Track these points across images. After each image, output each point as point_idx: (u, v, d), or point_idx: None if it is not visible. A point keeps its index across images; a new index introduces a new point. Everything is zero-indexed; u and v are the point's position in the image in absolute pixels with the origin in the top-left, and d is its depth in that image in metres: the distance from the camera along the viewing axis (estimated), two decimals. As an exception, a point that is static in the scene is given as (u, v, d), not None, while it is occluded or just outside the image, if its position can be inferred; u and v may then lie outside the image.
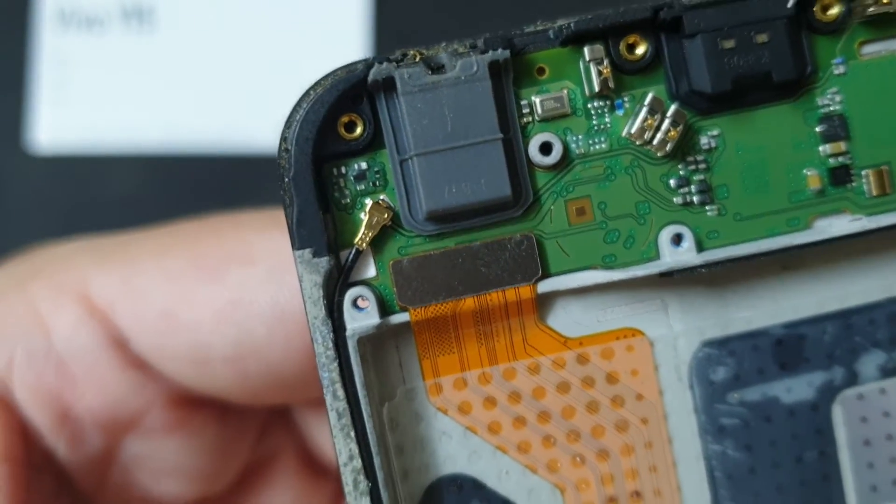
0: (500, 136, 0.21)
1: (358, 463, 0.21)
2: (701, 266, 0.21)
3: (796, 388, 0.23)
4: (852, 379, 0.23)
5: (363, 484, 0.21)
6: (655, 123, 0.21)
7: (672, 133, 0.21)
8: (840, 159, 0.22)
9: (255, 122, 0.46)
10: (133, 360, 0.26)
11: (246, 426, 0.29)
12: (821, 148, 0.22)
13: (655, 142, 0.21)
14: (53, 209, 0.46)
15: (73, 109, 0.46)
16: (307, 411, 0.30)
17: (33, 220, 0.46)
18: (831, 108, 0.22)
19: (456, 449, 0.22)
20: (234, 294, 0.25)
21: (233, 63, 0.46)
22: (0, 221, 0.46)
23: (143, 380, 0.26)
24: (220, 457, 0.28)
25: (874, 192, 0.22)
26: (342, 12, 0.46)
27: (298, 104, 0.21)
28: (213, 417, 0.28)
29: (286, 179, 0.21)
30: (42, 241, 0.31)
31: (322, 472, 0.30)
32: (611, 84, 0.21)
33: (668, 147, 0.21)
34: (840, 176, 0.22)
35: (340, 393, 0.21)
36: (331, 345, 0.21)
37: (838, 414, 0.23)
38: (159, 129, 0.45)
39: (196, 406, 0.27)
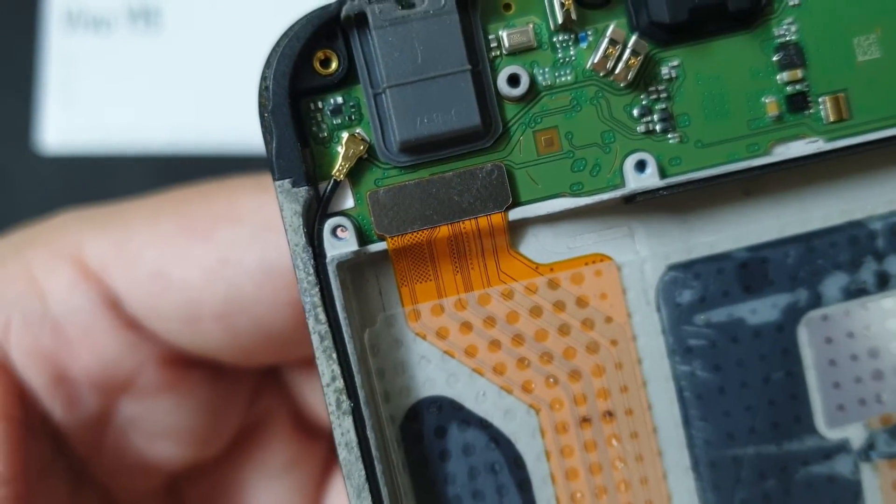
0: (469, 67, 0.22)
1: (340, 383, 0.22)
2: (662, 188, 0.22)
3: (761, 310, 0.24)
4: (816, 301, 0.24)
5: (345, 404, 0.22)
6: (617, 54, 0.22)
7: (632, 61, 0.22)
8: (797, 87, 0.23)
9: None
10: (126, 321, 0.27)
11: (238, 388, 0.30)
12: (778, 76, 0.23)
13: (617, 71, 0.22)
14: (61, 209, 0.46)
15: (81, 110, 0.46)
16: (298, 373, 0.31)
17: (41, 219, 0.47)
18: (787, 38, 0.23)
19: (435, 372, 0.23)
20: (223, 252, 0.26)
21: (239, 64, 0.46)
22: (8, 221, 0.46)
23: (137, 340, 0.27)
24: (214, 418, 0.29)
25: (831, 118, 0.23)
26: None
27: (277, 43, 0.22)
28: (205, 378, 0.29)
29: (266, 114, 0.22)
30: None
31: (315, 434, 0.31)
32: (573, 16, 0.22)
33: (630, 76, 0.22)
34: (797, 103, 0.23)
35: (322, 316, 0.22)
36: (312, 270, 0.22)
37: (804, 335, 0.24)
38: (166, 130, 0.46)
39: (188, 366, 0.28)
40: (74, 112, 0.46)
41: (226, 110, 0.46)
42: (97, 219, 0.28)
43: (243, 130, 0.46)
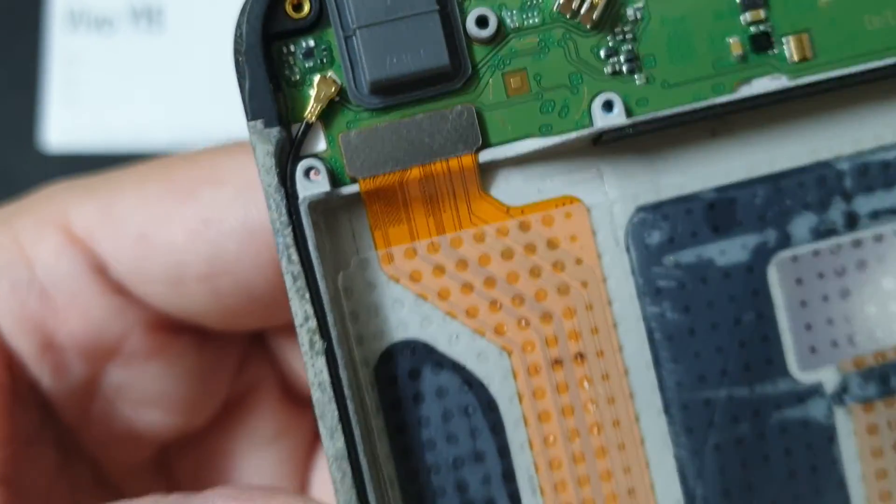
0: (437, 8, 0.22)
1: (313, 323, 0.22)
2: (628, 126, 0.23)
3: (730, 251, 0.24)
4: (785, 241, 0.24)
5: (318, 343, 0.22)
6: (582, -5, 0.23)
7: (596, 1, 0.22)
8: (760, 27, 0.23)
9: None
10: (113, 286, 0.27)
11: (226, 356, 0.30)
12: (742, 17, 0.23)
13: (583, 12, 0.23)
14: None
15: (83, 109, 0.46)
16: (285, 341, 0.31)
17: None
18: (750, -21, 0.23)
19: (408, 315, 0.24)
20: (206, 213, 0.27)
21: None
22: None
23: (123, 305, 0.28)
24: (201, 386, 0.29)
25: (795, 58, 0.23)
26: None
27: (250, -9, 0.22)
28: (192, 344, 0.29)
29: (239, 58, 0.22)
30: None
31: (303, 404, 0.31)
32: (538, -42, 0.22)
33: (595, 16, 0.23)
34: (761, 42, 0.23)
35: (295, 257, 0.22)
36: (284, 211, 0.22)
37: (773, 275, 0.24)
38: (169, 129, 0.46)
39: (175, 332, 0.28)
40: (77, 111, 0.46)
41: (228, 109, 0.44)
42: (83, 187, 0.28)
43: (245, 130, 0.46)
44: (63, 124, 0.46)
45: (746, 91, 0.23)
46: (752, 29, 0.23)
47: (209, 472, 0.31)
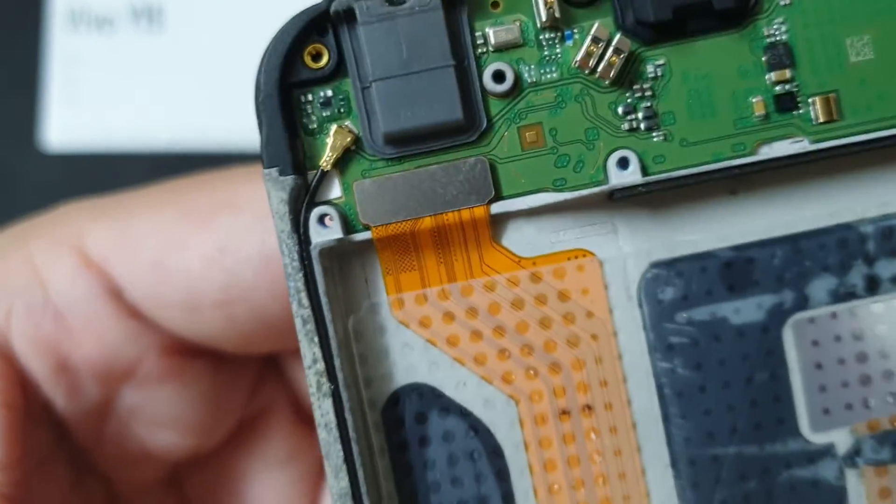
0: (453, 62, 0.22)
1: (321, 366, 0.23)
2: (642, 184, 0.22)
3: (745, 310, 0.24)
4: (803, 303, 0.24)
5: (325, 386, 0.23)
6: (599, 52, 0.22)
7: (613, 59, 0.22)
8: (786, 87, 0.23)
9: None
10: (128, 310, 0.28)
11: (240, 378, 0.30)
12: (767, 76, 0.23)
13: (600, 69, 0.22)
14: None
15: (84, 108, 0.46)
16: (298, 363, 0.30)
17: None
18: (777, 38, 0.23)
19: (417, 360, 0.24)
20: (223, 240, 0.27)
21: (243, 62, 0.44)
22: (11, 219, 0.46)
23: (138, 329, 0.28)
24: (215, 408, 0.29)
25: (821, 119, 0.23)
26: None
27: (272, 39, 0.23)
28: (206, 368, 0.29)
29: (258, 105, 0.23)
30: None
31: (314, 430, 0.31)
32: (557, 14, 0.22)
33: (613, 73, 0.22)
34: (786, 102, 0.23)
35: (305, 301, 0.23)
36: (296, 256, 0.23)
37: (789, 337, 0.24)
38: (169, 128, 0.46)
39: (189, 355, 0.29)
40: (78, 110, 0.46)
41: (229, 108, 0.46)
42: (98, 208, 0.29)
43: (246, 128, 0.45)
44: (63, 124, 0.46)
45: (768, 152, 0.23)
46: (778, 88, 0.23)
47: (221, 492, 0.31)
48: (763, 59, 0.23)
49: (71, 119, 0.47)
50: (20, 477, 0.26)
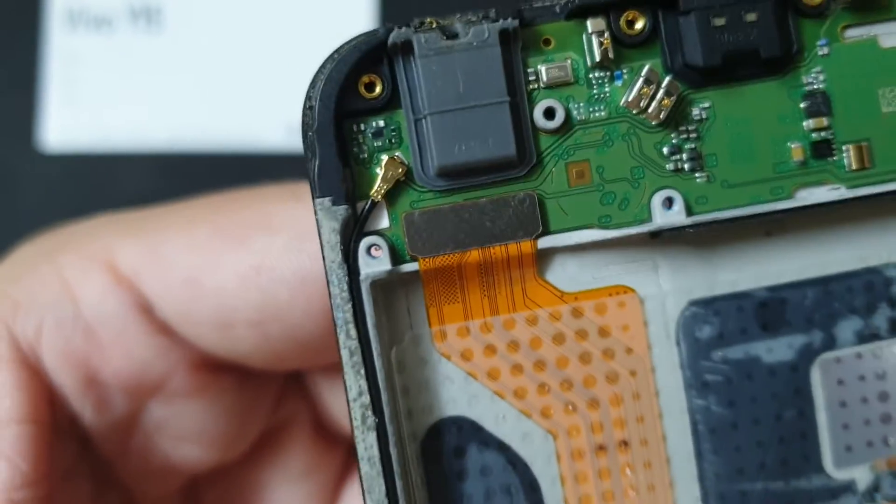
0: (508, 99, 0.23)
1: (366, 399, 0.23)
2: (689, 226, 0.23)
3: (777, 349, 0.24)
4: (830, 343, 0.25)
5: (370, 419, 0.23)
6: (650, 93, 0.23)
7: (665, 102, 0.23)
8: (822, 134, 0.24)
9: (264, 120, 0.46)
10: (158, 326, 0.28)
11: (265, 392, 0.30)
12: (804, 123, 0.24)
13: (650, 110, 0.23)
14: (64, 207, 0.46)
15: (82, 108, 0.46)
16: (322, 379, 0.31)
17: (44, 218, 0.46)
18: (815, 87, 0.24)
19: (457, 393, 0.24)
20: (258, 260, 0.27)
21: (241, 62, 0.46)
22: (10, 219, 0.46)
23: (168, 344, 0.28)
24: (240, 422, 0.29)
25: (854, 166, 0.24)
26: (350, 12, 0.47)
27: (323, 65, 0.23)
28: (233, 383, 0.29)
29: (309, 133, 0.23)
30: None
31: (333, 441, 0.31)
32: (610, 55, 0.23)
33: (662, 115, 0.23)
34: (822, 149, 0.24)
35: (353, 332, 0.23)
36: (346, 287, 0.23)
37: (817, 376, 0.25)
38: (168, 128, 0.46)
39: (218, 371, 0.29)
40: (76, 110, 0.46)
41: (228, 108, 0.46)
42: (129, 224, 0.28)
43: (245, 128, 0.46)
44: (62, 124, 0.46)
45: (805, 196, 0.24)
46: (815, 135, 0.24)
47: (238, 503, 0.31)
48: (801, 105, 0.24)
49: (69, 119, 0.46)
50: (46, 492, 0.26)
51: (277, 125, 0.46)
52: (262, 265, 0.27)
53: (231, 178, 0.48)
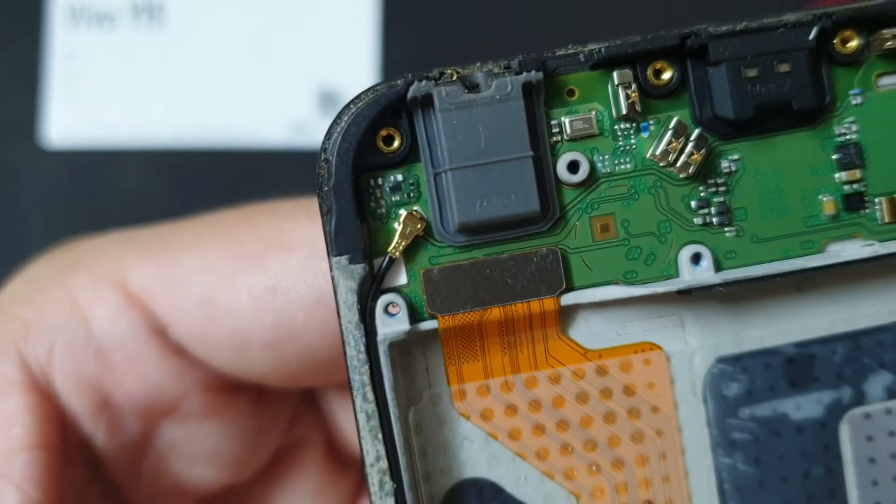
0: (531, 153, 0.22)
1: (384, 464, 0.22)
2: (719, 285, 0.22)
3: (805, 406, 0.24)
4: (859, 398, 0.24)
5: (388, 485, 0.22)
6: (679, 146, 0.22)
7: (695, 156, 0.22)
8: (855, 186, 0.23)
9: (265, 117, 0.46)
10: (172, 348, 0.27)
11: (279, 412, 0.30)
12: (836, 175, 0.23)
13: (679, 164, 0.22)
14: (66, 203, 0.47)
15: (85, 105, 0.46)
16: (334, 398, 0.30)
17: (46, 214, 0.47)
18: (848, 137, 0.23)
19: (477, 454, 0.23)
20: (273, 281, 0.26)
21: (243, 58, 0.46)
22: (13, 215, 0.46)
23: (182, 366, 0.27)
24: (253, 443, 0.29)
25: (886, 219, 0.23)
26: (352, 9, 0.47)
27: (339, 117, 0.22)
28: (248, 403, 0.29)
29: (325, 188, 0.22)
30: (54, 235, 0.32)
31: (345, 465, 0.31)
32: (638, 107, 0.22)
33: (691, 170, 0.22)
34: (854, 202, 0.23)
35: (370, 396, 0.22)
36: (363, 349, 0.22)
37: (845, 432, 0.24)
38: (170, 124, 0.46)
39: (233, 391, 0.28)
40: (78, 107, 0.46)
41: (229, 105, 0.46)
42: (140, 242, 0.28)
43: (246, 125, 0.46)
44: (64, 120, 0.46)
45: (836, 251, 0.23)
46: (847, 188, 0.23)
47: None
48: (834, 157, 0.23)
49: (72, 115, 0.46)
50: None
51: (280, 121, 0.46)
52: (277, 287, 0.26)
53: (233, 174, 0.48)
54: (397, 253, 0.22)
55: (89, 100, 0.46)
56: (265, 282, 0.26)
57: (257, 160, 0.46)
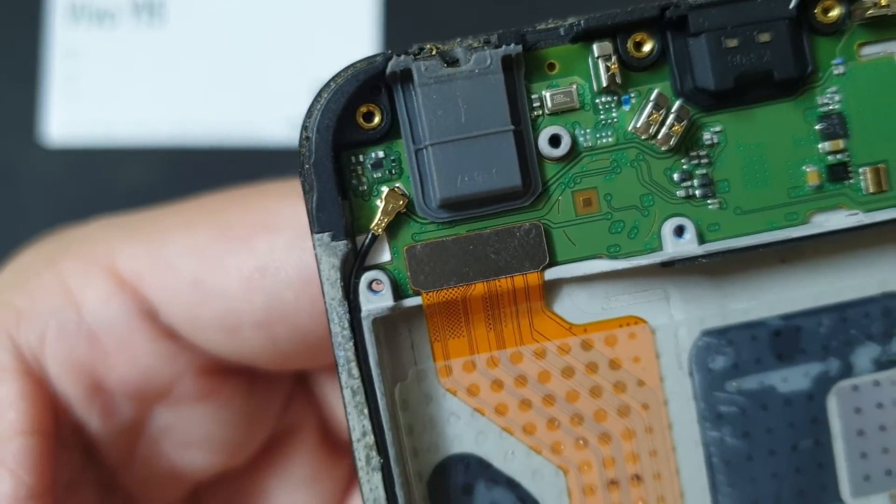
0: (512, 127, 0.22)
1: (370, 439, 0.22)
2: (701, 256, 0.22)
3: (792, 378, 0.24)
4: (847, 370, 0.24)
5: (375, 460, 0.22)
6: (660, 118, 0.22)
7: (676, 128, 0.22)
8: (838, 157, 0.23)
9: (265, 114, 0.46)
10: (163, 331, 0.27)
11: (272, 396, 0.30)
12: (820, 145, 0.23)
13: (660, 136, 0.22)
14: (65, 201, 0.47)
15: (85, 102, 0.46)
16: (327, 381, 0.30)
17: (45, 212, 0.47)
18: (830, 107, 0.23)
19: (464, 429, 0.23)
20: (262, 261, 0.26)
21: (243, 56, 0.46)
22: (12, 214, 0.46)
23: (174, 350, 0.27)
24: (247, 426, 0.29)
25: (871, 189, 0.23)
26: (352, 7, 0.47)
27: (319, 94, 0.22)
28: (241, 386, 0.28)
29: (306, 166, 0.22)
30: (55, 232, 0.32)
31: (339, 451, 0.31)
32: (618, 80, 0.22)
33: (672, 141, 0.22)
34: (838, 173, 0.23)
35: (355, 371, 0.22)
36: (347, 325, 0.22)
37: (833, 404, 0.24)
38: (170, 122, 0.46)
39: (225, 374, 0.28)
40: (78, 104, 0.46)
41: (229, 102, 0.46)
42: (129, 227, 0.28)
43: (247, 122, 0.46)
44: (64, 118, 0.46)
45: (820, 221, 0.23)
46: (831, 158, 0.23)
47: None
48: (817, 127, 0.23)
49: (71, 113, 0.46)
50: (51, 503, 0.25)
51: (279, 119, 0.46)
52: (266, 266, 0.26)
53: (233, 172, 0.48)
54: (380, 230, 0.22)
55: (89, 97, 0.46)
56: (254, 262, 0.26)
57: (257, 157, 0.46)
